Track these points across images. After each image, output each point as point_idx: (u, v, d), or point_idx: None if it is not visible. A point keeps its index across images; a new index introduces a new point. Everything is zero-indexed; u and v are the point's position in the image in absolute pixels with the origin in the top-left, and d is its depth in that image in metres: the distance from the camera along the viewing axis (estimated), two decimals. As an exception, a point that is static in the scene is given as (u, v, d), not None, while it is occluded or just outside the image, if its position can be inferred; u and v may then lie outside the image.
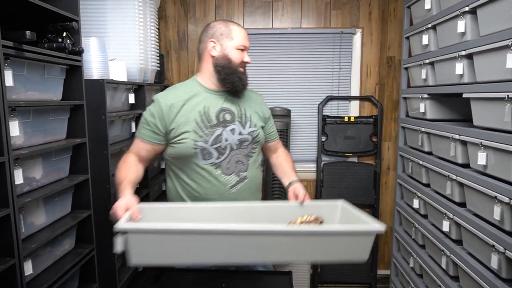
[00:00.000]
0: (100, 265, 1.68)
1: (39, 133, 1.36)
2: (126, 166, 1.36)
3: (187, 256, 1.06)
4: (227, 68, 1.39)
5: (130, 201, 1.16)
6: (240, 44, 1.41)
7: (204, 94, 1.42)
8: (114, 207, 1.13)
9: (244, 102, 1.48)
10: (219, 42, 1.40)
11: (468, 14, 1.52)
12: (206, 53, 1.42)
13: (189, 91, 1.42)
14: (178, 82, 2.74)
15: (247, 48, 1.44)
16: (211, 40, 1.40)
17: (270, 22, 2.69)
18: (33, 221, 1.34)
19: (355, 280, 2.74)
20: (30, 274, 1.26)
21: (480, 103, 1.48)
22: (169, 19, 2.72)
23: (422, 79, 2.00)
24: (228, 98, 1.44)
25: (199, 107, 1.39)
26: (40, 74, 1.35)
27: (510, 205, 1.28)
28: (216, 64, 1.40)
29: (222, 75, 1.40)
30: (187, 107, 1.38)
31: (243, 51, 1.42)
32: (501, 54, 1.30)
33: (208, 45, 1.41)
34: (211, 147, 1.37)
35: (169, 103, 1.38)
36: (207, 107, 1.40)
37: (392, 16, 2.63)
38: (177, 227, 1.03)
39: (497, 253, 1.34)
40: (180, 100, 1.39)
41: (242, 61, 1.42)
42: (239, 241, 1.04)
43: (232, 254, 1.06)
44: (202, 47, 1.44)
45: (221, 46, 1.40)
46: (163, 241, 1.03)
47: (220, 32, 1.40)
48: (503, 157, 1.33)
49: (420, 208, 2.04)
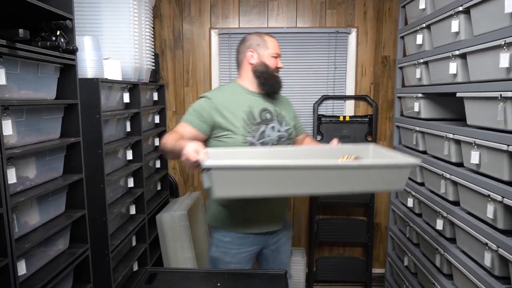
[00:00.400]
0: (94, 265, 1.67)
1: (32, 132, 1.35)
2: (176, 135, 1.48)
3: (262, 188, 1.24)
4: (265, 73, 1.60)
5: (197, 146, 1.27)
6: (274, 52, 1.62)
7: (247, 96, 1.60)
8: (184, 154, 1.24)
9: (277, 103, 1.67)
10: (256, 52, 1.61)
11: (462, 14, 1.53)
12: (245, 61, 1.63)
13: (234, 92, 1.61)
14: (174, 82, 2.76)
15: (280, 55, 1.65)
16: (249, 50, 1.61)
17: (265, 22, 2.69)
18: (26, 220, 1.33)
19: (351, 279, 2.75)
20: (23, 274, 1.25)
21: (473, 102, 1.50)
22: (164, 18, 2.71)
23: (417, 78, 2.01)
24: (266, 100, 1.63)
25: (244, 107, 1.56)
26: (33, 73, 1.34)
27: (503, 204, 1.29)
28: (255, 70, 1.61)
29: (261, 80, 1.60)
30: (235, 105, 1.56)
31: (276, 58, 1.63)
32: (494, 54, 1.32)
33: (247, 55, 1.62)
34: (257, 142, 1.54)
35: (219, 100, 1.56)
36: (251, 107, 1.57)
37: (387, 15, 2.64)
38: (257, 164, 1.24)
39: (490, 251, 1.35)
40: (228, 99, 1.57)
41: (276, 67, 1.63)
42: (303, 175, 1.25)
43: (297, 186, 1.26)
44: (241, 57, 1.65)
45: (258, 55, 1.61)
46: (243, 175, 1.20)
47: (257, 43, 1.62)
48: (496, 156, 1.34)
49: (415, 207, 2.05)
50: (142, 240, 2.22)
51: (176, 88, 2.78)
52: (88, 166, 1.65)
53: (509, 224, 1.31)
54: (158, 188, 2.67)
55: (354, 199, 2.68)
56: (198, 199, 2.73)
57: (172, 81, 2.77)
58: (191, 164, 1.23)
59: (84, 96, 1.61)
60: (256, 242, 1.67)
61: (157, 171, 2.63)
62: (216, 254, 1.65)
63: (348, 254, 2.87)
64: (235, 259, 1.64)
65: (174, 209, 2.40)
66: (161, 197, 2.59)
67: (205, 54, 2.73)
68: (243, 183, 1.21)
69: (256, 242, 1.66)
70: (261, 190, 1.26)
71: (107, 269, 1.77)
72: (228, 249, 1.63)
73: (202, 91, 2.76)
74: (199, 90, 2.77)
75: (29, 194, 1.28)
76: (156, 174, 2.58)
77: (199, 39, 2.72)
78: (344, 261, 2.79)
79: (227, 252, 1.64)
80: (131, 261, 2.03)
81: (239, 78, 1.66)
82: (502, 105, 1.28)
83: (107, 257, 1.76)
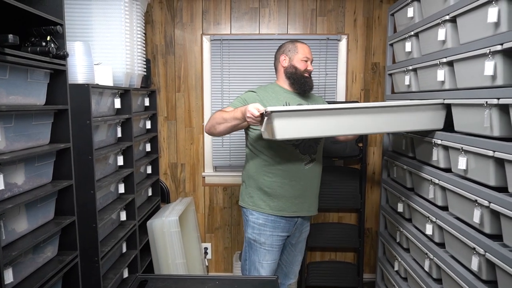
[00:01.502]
0: (83, 273, 1.66)
1: (21, 138, 1.34)
2: (224, 112, 1.72)
3: (315, 130, 1.54)
4: (294, 74, 1.86)
5: (257, 104, 1.57)
6: (304, 56, 1.86)
7: (283, 94, 1.87)
8: (249, 111, 1.54)
9: (311, 101, 1.94)
10: (288, 56, 1.88)
11: (449, 22, 1.57)
12: (279, 65, 1.91)
13: (274, 90, 1.88)
14: (165, 87, 2.75)
15: (310, 59, 1.89)
16: (282, 55, 1.89)
17: (257, 28, 2.71)
18: (14, 228, 1.31)
19: (342, 285, 2.76)
20: (10, 282, 1.23)
21: (460, 109, 1.52)
22: (156, 23, 2.71)
23: (406, 85, 2.04)
24: (300, 97, 1.89)
25: (282, 102, 1.83)
26: (23, 78, 1.33)
27: (489, 209, 1.31)
28: (286, 72, 1.88)
29: (291, 80, 1.87)
30: (274, 100, 1.82)
31: (306, 61, 1.87)
32: (480, 62, 1.35)
33: (280, 59, 1.89)
34: None
35: (263, 94, 1.84)
36: (288, 102, 1.84)
37: (377, 23, 2.69)
38: (311, 107, 1.61)
39: (477, 255, 1.37)
40: (270, 95, 1.85)
41: (306, 69, 1.86)
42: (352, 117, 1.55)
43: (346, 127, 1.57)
44: (276, 62, 1.93)
45: (289, 59, 1.87)
46: (300, 119, 1.51)
47: (288, 48, 1.88)
48: (483, 162, 1.36)
49: (405, 211, 2.07)
50: (132, 246, 2.20)
51: (167, 94, 2.78)
52: (78, 172, 1.63)
53: (496, 228, 1.33)
54: (149, 193, 2.65)
55: (345, 204, 2.69)
56: (189, 204, 2.72)
57: (164, 87, 2.77)
58: (254, 118, 1.54)
59: (75, 101, 1.60)
60: (287, 229, 1.90)
61: (148, 177, 2.62)
62: (253, 236, 1.88)
63: (339, 259, 2.88)
64: (269, 241, 1.87)
65: (165, 215, 2.39)
66: (152, 203, 2.57)
67: (197, 60, 2.74)
68: (299, 125, 1.50)
69: (286, 229, 1.90)
70: (314, 131, 1.55)
71: (97, 276, 1.75)
72: (262, 231, 1.86)
73: (194, 96, 2.77)
74: (190, 96, 2.77)
75: (17, 201, 1.26)
76: (147, 179, 2.57)
77: (191, 45, 2.73)
78: (335, 266, 2.79)
79: (261, 233, 1.86)
80: (121, 268, 2.01)
81: (277, 80, 1.94)
82: (488, 112, 1.31)
83: (97, 264, 1.74)
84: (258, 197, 1.87)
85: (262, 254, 1.88)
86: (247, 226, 1.91)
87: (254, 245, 1.89)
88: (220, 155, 2.80)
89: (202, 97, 2.77)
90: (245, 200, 1.92)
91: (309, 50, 1.89)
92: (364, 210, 2.70)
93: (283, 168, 1.82)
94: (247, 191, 1.91)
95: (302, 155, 1.84)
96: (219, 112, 1.75)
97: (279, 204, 1.84)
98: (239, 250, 2.88)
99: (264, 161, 1.84)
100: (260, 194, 1.86)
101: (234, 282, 1.43)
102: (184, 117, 2.79)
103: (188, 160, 2.83)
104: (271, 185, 1.83)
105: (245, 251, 1.95)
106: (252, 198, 1.88)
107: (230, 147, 2.78)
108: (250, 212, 1.89)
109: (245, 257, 1.96)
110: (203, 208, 2.87)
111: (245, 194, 1.92)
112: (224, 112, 1.72)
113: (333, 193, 2.66)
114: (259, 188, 1.86)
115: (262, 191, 1.85)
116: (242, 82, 2.72)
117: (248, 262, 1.93)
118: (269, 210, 1.85)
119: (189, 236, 2.72)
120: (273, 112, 1.45)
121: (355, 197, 2.67)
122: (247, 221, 1.91)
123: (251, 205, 1.89)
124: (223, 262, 2.92)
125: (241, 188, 1.97)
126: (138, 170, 2.40)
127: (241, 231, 2.88)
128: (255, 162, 1.87)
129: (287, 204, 1.85)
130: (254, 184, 1.88)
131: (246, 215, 1.92)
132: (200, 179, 2.84)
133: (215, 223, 2.88)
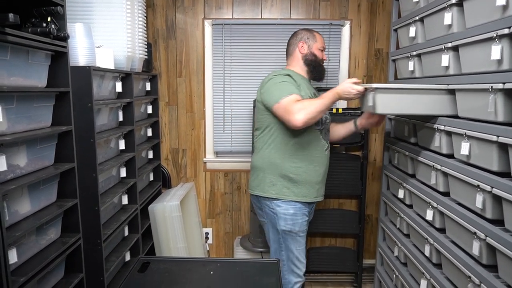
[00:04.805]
0: (86, 255, 1.67)
1: (23, 119, 1.34)
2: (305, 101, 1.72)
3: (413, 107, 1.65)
4: (314, 62, 1.90)
5: (352, 79, 1.68)
6: (321, 46, 1.92)
7: (301, 80, 1.87)
8: (354, 89, 1.65)
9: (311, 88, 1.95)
10: (307, 44, 1.90)
11: (455, 6, 1.54)
12: (296, 51, 1.92)
13: (297, 77, 1.86)
14: (166, 71, 2.73)
15: (325, 49, 1.96)
16: (301, 42, 1.90)
17: (259, 13, 2.67)
18: (17, 209, 1.31)
19: (341, 270, 2.79)
20: (14, 262, 1.24)
21: (464, 94, 1.51)
22: (157, 7, 2.68)
23: (409, 71, 2.02)
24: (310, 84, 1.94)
25: (304, 87, 1.84)
26: (24, 59, 1.32)
27: (491, 194, 1.31)
28: (306, 59, 1.90)
29: (311, 68, 1.90)
30: (302, 85, 1.83)
31: (322, 51, 1.93)
32: (486, 46, 1.33)
33: (298, 45, 1.91)
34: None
35: (296, 80, 1.83)
36: (309, 88, 1.88)
37: (381, 8, 2.65)
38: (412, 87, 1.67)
39: (478, 240, 1.37)
40: (299, 81, 1.84)
41: (322, 58, 1.92)
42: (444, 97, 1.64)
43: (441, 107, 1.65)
44: (292, 49, 1.94)
45: (308, 46, 1.90)
46: (400, 96, 1.62)
47: (307, 36, 1.91)
48: (486, 147, 1.36)
49: (405, 198, 2.08)
50: (134, 230, 2.22)
51: (169, 79, 2.76)
52: (80, 155, 1.63)
53: (498, 213, 1.33)
54: (151, 178, 2.66)
55: (346, 191, 2.70)
56: (190, 190, 2.73)
57: (165, 72, 2.75)
58: (357, 93, 1.65)
59: (76, 84, 1.59)
60: (308, 213, 1.93)
61: (150, 162, 2.62)
62: (287, 227, 1.85)
63: (339, 245, 2.91)
64: (301, 228, 1.88)
65: (167, 199, 2.40)
66: (153, 188, 2.58)
67: (199, 45, 2.71)
68: (399, 101, 1.62)
69: (308, 213, 1.93)
70: (413, 108, 1.64)
71: (99, 258, 1.76)
72: (295, 220, 1.86)
73: (195, 82, 2.75)
74: (192, 81, 2.75)
75: (20, 182, 1.26)
76: (149, 164, 2.57)
77: (193, 29, 2.70)
78: (335, 252, 2.82)
79: (295, 223, 1.86)
80: (123, 251, 2.03)
81: (289, 66, 1.94)
82: (493, 97, 1.30)
83: (99, 247, 1.75)
84: (281, 185, 1.83)
85: (299, 242, 1.89)
86: (277, 218, 1.85)
87: (290, 235, 1.87)
88: (221, 140, 2.80)
89: (204, 82, 2.75)
90: (265, 190, 1.85)
91: (323, 40, 1.95)
92: (364, 197, 2.71)
93: (310, 153, 1.83)
94: (267, 179, 1.85)
95: (323, 140, 1.88)
96: (305, 102, 1.70)
97: (303, 190, 1.84)
98: (239, 235, 2.91)
99: (291, 147, 1.82)
100: (284, 181, 1.82)
101: (235, 265, 1.44)
102: (186, 102, 2.78)
103: (189, 146, 2.83)
104: (296, 170, 1.82)
105: (279, 242, 1.89)
106: (275, 186, 1.83)
107: (231, 132, 2.78)
108: (276, 204, 1.84)
109: (280, 249, 1.90)
110: (204, 194, 2.88)
111: (265, 183, 1.85)
112: (313, 101, 1.71)
113: (334, 179, 2.66)
114: (283, 175, 1.82)
115: (287, 177, 1.82)
116: (244, 67, 2.70)
117: (285, 253, 1.90)
118: (294, 197, 1.83)
119: (190, 221, 2.74)
120: (377, 89, 1.61)
121: (356, 184, 2.68)
122: (274, 214, 1.86)
123: (274, 194, 1.83)
124: (224, 247, 2.95)
125: (256, 177, 1.90)
126: (140, 154, 2.40)
127: (242, 216, 2.89)
128: (279, 148, 1.83)
129: (310, 189, 1.86)
130: (277, 172, 1.83)
131: (270, 208, 1.86)
132: (201, 164, 2.84)
133: (216, 208, 2.90)
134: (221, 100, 2.75)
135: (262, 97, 1.84)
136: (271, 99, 1.77)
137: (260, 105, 1.87)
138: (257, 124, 1.93)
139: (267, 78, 1.87)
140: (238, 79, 2.72)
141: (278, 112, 1.74)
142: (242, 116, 2.76)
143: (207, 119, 2.80)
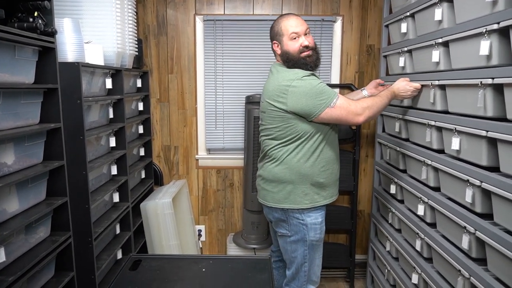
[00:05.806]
0: (77, 253, 1.65)
1: (10, 116, 1.31)
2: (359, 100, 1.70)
3: None
4: (290, 60, 1.70)
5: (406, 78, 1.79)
6: (291, 33, 1.67)
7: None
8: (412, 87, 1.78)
9: None
10: (278, 41, 1.73)
11: (445, 2, 1.55)
12: (276, 53, 1.78)
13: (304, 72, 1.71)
14: (158, 69, 2.71)
15: (301, 32, 1.68)
16: (274, 43, 1.76)
17: (251, 9, 2.66)
18: (5, 208, 1.29)
19: (334, 265, 2.80)
20: (3, 262, 1.22)
21: (454, 90, 1.52)
22: (148, 3, 2.65)
23: (400, 67, 2.03)
24: None
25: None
26: (10, 55, 1.29)
27: (481, 188, 1.33)
28: (282, 59, 1.74)
29: (290, 65, 1.71)
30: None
31: (297, 38, 1.67)
32: (475, 41, 1.34)
33: (274, 46, 1.77)
34: None
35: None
36: None
37: (372, 4, 2.65)
38: None
39: (468, 234, 1.39)
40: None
41: (300, 47, 1.67)
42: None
43: None
44: (272, 47, 1.80)
45: (280, 44, 1.72)
46: None
47: (276, 31, 1.72)
48: (475, 142, 1.37)
49: (397, 193, 2.09)
50: (126, 228, 2.20)
51: (160, 75, 2.73)
52: (69, 152, 1.61)
53: (487, 208, 1.35)
54: (142, 176, 2.64)
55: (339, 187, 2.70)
56: (183, 187, 2.72)
57: (156, 68, 2.72)
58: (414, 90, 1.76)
59: (65, 80, 1.57)
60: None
61: (141, 159, 2.60)
62: (316, 237, 1.78)
63: (332, 240, 2.92)
64: (325, 234, 1.85)
65: (159, 197, 2.38)
66: (145, 185, 2.56)
67: (190, 41, 2.69)
68: None
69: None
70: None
71: (90, 256, 1.75)
72: (322, 229, 1.80)
73: (186, 78, 2.73)
74: (183, 78, 2.73)
75: (7, 180, 1.24)
76: (140, 162, 2.55)
77: (184, 25, 2.68)
78: (328, 247, 2.82)
79: (322, 230, 1.81)
80: (115, 249, 2.01)
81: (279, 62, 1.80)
82: (482, 92, 1.31)
83: (90, 245, 1.74)
84: (313, 192, 1.74)
85: (321, 249, 1.85)
86: (307, 230, 1.75)
87: (317, 244, 1.80)
88: (213, 137, 2.79)
89: (195, 79, 2.73)
90: (297, 201, 1.73)
91: (296, 22, 1.68)
92: (357, 193, 2.72)
93: (332, 153, 1.78)
94: (299, 190, 1.73)
95: (337, 134, 1.84)
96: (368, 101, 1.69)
97: (330, 191, 1.81)
98: (232, 232, 2.90)
99: (319, 152, 1.72)
100: (314, 188, 1.74)
101: (228, 262, 1.44)
102: (177, 99, 2.76)
103: (181, 143, 2.81)
104: (325, 174, 1.75)
105: (303, 254, 1.78)
106: (307, 196, 1.74)
107: (223, 129, 2.77)
108: (307, 214, 1.75)
109: (303, 261, 1.80)
110: (196, 191, 2.87)
111: (297, 195, 1.73)
112: (374, 100, 1.70)
113: (327, 175, 2.67)
114: (314, 182, 1.73)
115: (317, 184, 1.74)
116: (236, 63, 2.69)
117: (308, 265, 1.81)
118: (323, 201, 1.78)
119: (183, 219, 2.73)
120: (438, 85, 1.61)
121: (348, 180, 2.69)
122: (304, 225, 1.75)
123: (307, 203, 1.73)
124: (217, 244, 2.95)
125: (282, 189, 1.74)
126: (131, 152, 2.38)
127: (235, 213, 2.89)
128: (309, 157, 1.71)
129: (333, 188, 1.84)
130: (307, 181, 1.73)
131: (299, 219, 1.75)
132: (194, 161, 2.83)
133: (208, 205, 2.89)
134: (213, 97, 2.73)
135: (295, 106, 1.62)
136: (318, 105, 1.61)
137: (283, 113, 1.66)
138: (275, 133, 1.72)
139: (287, 84, 1.63)
140: (230, 75, 2.70)
141: (333, 115, 1.63)
142: (234, 113, 2.75)
143: (199, 116, 2.78)
